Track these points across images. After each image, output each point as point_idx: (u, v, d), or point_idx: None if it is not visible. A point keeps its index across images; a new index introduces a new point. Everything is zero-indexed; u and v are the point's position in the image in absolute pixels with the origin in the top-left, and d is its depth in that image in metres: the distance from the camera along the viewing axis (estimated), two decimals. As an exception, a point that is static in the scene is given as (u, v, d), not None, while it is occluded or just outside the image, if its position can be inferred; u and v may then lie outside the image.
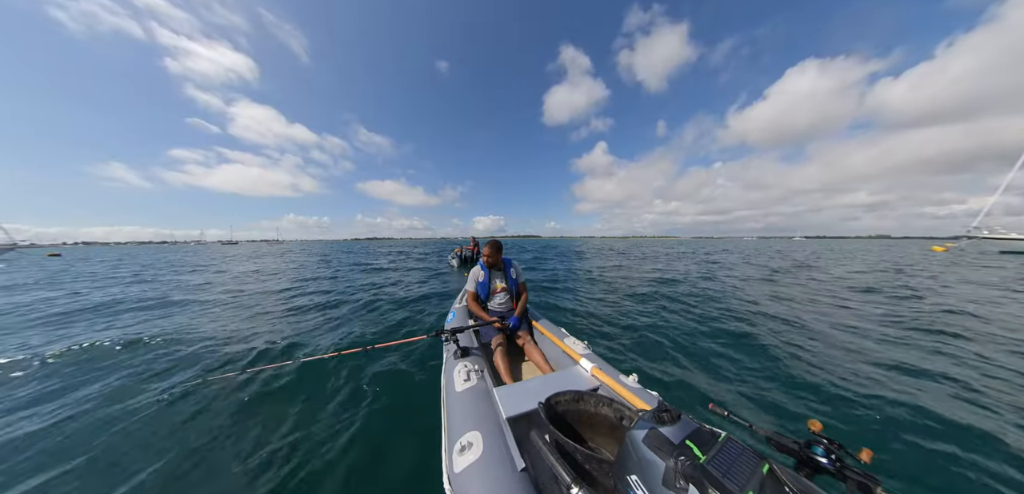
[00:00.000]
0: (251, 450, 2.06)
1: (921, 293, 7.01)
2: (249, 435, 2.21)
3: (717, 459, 0.85)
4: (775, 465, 0.87)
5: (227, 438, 2.18)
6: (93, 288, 8.85)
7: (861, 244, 75.05)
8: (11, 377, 3.09)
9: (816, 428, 0.99)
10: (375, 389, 2.70)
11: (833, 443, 0.93)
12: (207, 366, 3.27)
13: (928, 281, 8.89)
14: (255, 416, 2.42)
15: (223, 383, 2.83)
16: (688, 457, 0.86)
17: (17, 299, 7.17)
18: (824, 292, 7.21)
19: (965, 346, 3.73)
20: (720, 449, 0.88)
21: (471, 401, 1.55)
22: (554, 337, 2.40)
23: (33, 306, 6.35)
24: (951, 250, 26.74)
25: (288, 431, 2.24)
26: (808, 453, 0.94)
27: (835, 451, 0.92)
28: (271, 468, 1.91)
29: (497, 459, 1.18)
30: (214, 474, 1.90)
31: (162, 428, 2.29)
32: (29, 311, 5.92)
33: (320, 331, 4.65)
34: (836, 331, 4.31)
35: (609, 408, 1.43)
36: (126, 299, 7.01)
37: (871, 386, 2.77)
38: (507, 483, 1.09)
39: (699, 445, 0.89)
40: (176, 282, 9.83)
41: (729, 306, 5.68)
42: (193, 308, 6.15)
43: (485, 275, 2.69)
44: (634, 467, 0.94)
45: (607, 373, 1.71)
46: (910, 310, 5.47)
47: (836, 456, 0.91)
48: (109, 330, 4.74)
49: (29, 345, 4.03)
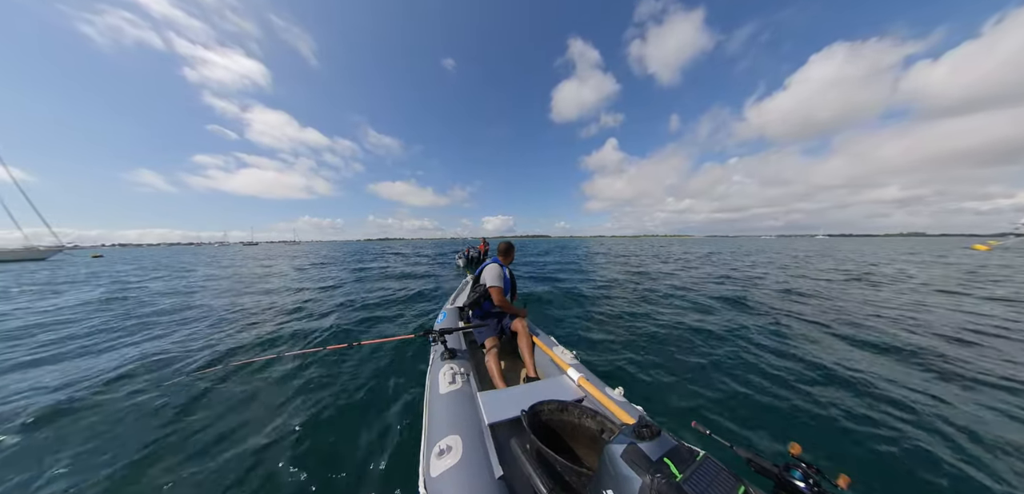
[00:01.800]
0: (224, 444, 2.09)
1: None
2: (225, 429, 2.25)
3: (693, 479, 0.83)
4: (751, 488, 0.85)
5: (202, 431, 2.22)
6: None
7: (895, 243, 70.20)
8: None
9: (796, 451, 0.97)
10: (357, 386, 2.74)
11: (811, 468, 0.91)
12: (188, 363, 3.31)
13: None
14: (234, 410, 2.48)
15: (204, 377, 2.89)
16: (664, 474, 0.84)
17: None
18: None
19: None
20: (697, 468, 0.87)
21: (454, 404, 1.55)
22: (543, 345, 2.38)
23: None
24: (994, 248, 24.84)
25: (265, 425, 2.28)
26: (786, 477, 0.92)
27: (813, 476, 0.90)
28: (246, 461, 1.94)
29: (475, 465, 1.19)
30: (184, 467, 1.91)
31: (134, 421, 2.35)
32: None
33: (307, 325, 4.72)
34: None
35: (592, 420, 1.41)
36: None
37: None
38: (483, 490, 1.09)
39: (677, 463, 0.88)
40: (197, 282, 10.41)
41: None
42: (181, 308, 6.15)
43: (506, 273, 2.79)
44: (610, 482, 0.93)
45: (594, 384, 1.70)
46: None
47: (814, 481, 0.89)
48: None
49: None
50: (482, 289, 2.65)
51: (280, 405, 2.52)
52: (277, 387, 2.77)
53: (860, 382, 2.97)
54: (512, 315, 2.62)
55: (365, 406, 2.53)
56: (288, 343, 4.03)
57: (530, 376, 2.18)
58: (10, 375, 3.26)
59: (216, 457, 2.00)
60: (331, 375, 2.94)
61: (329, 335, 4.32)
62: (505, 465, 1.24)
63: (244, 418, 2.36)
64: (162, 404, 2.57)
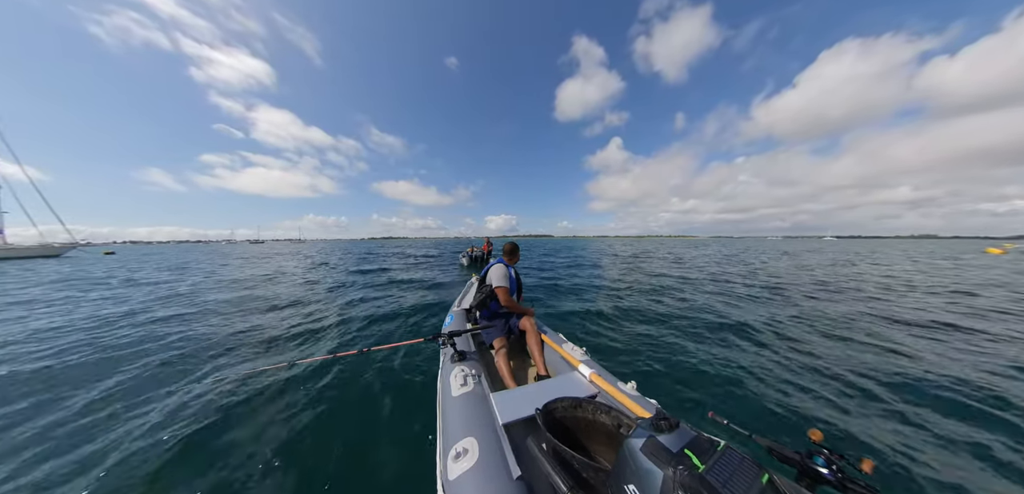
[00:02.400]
0: (238, 452, 2.08)
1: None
2: (238, 437, 2.23)
3: (716, 468, 0.83)
4: (775, 476, 0.85)
5: (216, 440, 2.20)
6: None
7: (904, 245, 68.48)
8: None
9: (817, 438, 0.98)
10: (369, 393, 2.74)
11: (834, 454, 0.92)
12: (199, 372, 3.29)
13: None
14: (246, 418, 2.45)
15: (215, 388, 2.86)
16: (686, 466, 0.84)
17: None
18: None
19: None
20: (719, 458, 0.86)
21: (467, 406, 1.54)
22: (553, 343, 2.38)
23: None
24: (1010, 251, 24.22)
25: (279, 433, 2.26)
26: (809, 464, 0.93)
27: (836, 462, 0.91)
28: (259, 470, 1.92)
29: (492, 466, 1.18)
30: (198, 476, 1.90)
31: (150, 429, 2.31)
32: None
33: (316, 333, 4.73)
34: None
35: (607, 415, 1.40)
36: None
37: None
38: (502, 491, 1.08)
39: (698, 454, 0.87)
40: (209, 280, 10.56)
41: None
42: (190, 316, 6.05)
43: (512, 273, 2.79)
44: (631, 476, 0.93)
45: (606, 379, 1.69)
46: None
47: (837, 467, 0.90)
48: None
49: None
50: (488, 289, 2.66)
51: (292, 414, 2.49)
52: (289, 396, 2.75)
53: (871, 377, 2.94)
54: (519, 314, 2.62)
55: (378, 412, 2.52)
56: (298, 350, 4.03)
57: (541, 374, 2.18)
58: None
59: (226, 467, 1.98)
60: (342, 382, 2.94)
61: (338, 342, 4.35)
62: (522, 465, 1.23)
63: (255, 428, 2.33)
64: (174, 416, 2.52)
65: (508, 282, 2.68)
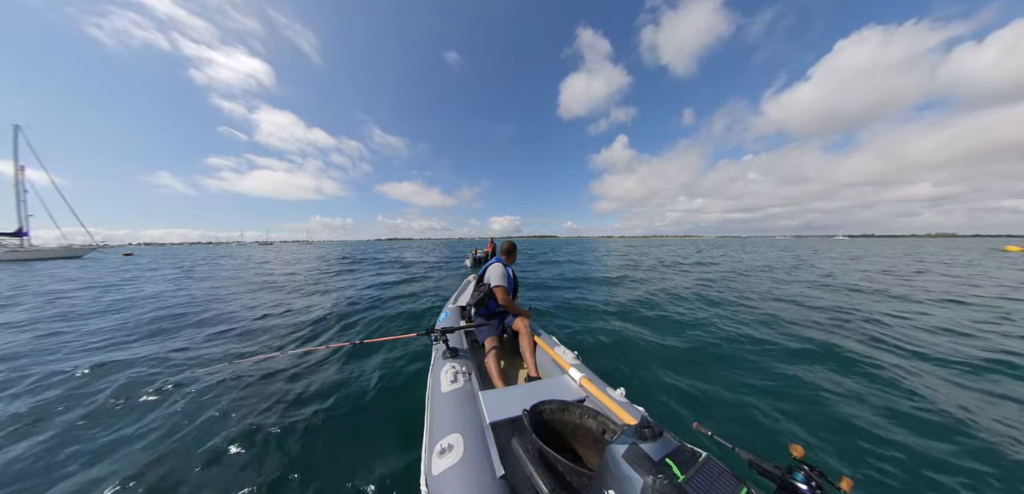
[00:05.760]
0: (223, 441, 2.09)
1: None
2: (225, 426, 2.25)
3: (695, 480, 0.85)
4: (754, 490, 0.86)
5: (201, 427, 2.22)
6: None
7: (919, 244, 65.98)
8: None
9: (798, 454, 0.97)
10: (360, 385, 2.75)
11: (814, 470, 0.91)
12: (191, 357, 3.32)
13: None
14: (234, 406, 2.47)
15: (206, 372, 2.91)
16: (666, 475, 0.85)
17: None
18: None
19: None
20: (699, 470, 0.88)
21: (456, 403, 1.56)
22: (545, 345, 2.39)
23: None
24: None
25: (267, 422, 2.27)
26: (788, 479, 0.92)
27: (816, 479, 0.90)
28: (243, 459, 1.94)
29: (477, 464, 1.20)
30: (183, 464, 1.90)
31: (134, 415, 2.36)
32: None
33: (310, 324, 4.76)
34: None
35: (594, 420, 1.42)
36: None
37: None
38: (484, 489, 1.11)
39: (678, 464, 0.89)
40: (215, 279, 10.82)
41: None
42: (188, 308, 6.08)
43: (510, 273, 2.81)
44: (612, 482, 0.94)
45: (595, 384, 1.71)
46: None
47: (817, 484, 0.89)
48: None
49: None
50: (486, 288, 2.67)
51: (281, 402, 2.52)
52: (278, 384, 2.78)
53: (864, 385, 2.89)
54: (514, 314, 2.64)
55: (367, 404, 2.54)
56: (290, 340, 4.07)
57: (531, 376, 2.19)
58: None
59: (215, 454, 1.99)
60: (333, 373, 2.95)
61: (331, 333, 4.37)
62: (506, 464, 1.25)
63: (244, 415, 2.35)
64: (161, 401, 2.58)
65: (506, 281, 2.69)
